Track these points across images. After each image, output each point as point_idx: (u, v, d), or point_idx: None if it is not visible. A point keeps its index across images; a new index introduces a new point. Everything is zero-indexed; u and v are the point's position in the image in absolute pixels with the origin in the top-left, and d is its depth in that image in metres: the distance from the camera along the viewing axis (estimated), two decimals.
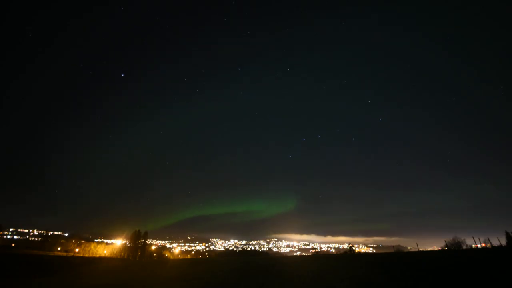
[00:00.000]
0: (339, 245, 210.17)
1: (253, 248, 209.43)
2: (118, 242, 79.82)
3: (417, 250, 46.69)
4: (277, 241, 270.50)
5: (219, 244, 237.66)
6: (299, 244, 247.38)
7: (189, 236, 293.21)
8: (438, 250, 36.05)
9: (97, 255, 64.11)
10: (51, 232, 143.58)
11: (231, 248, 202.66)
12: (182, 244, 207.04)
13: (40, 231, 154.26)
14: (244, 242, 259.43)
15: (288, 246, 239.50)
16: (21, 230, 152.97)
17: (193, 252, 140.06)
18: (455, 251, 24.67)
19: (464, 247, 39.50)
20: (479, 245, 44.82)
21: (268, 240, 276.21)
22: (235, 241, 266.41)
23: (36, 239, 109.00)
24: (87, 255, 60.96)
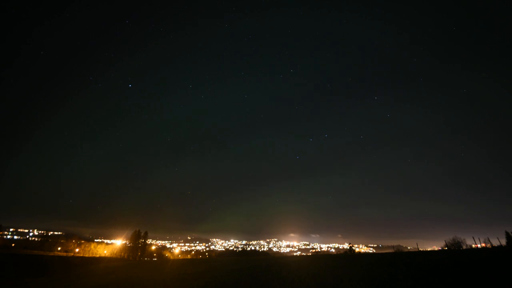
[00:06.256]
0: (339, 245, 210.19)
1: (253, 248, 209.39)
2: (118, 242, 79.85)
3: (417, 250, 46.67)
4: (277, 241, 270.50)
5: (219, 244, 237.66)
6: (299, 244, 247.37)
7: (189, 236, 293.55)
8: (438, 250, 36.03)
9: (97, 255, 64.09)
10: (51, 232, 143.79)
11: (231, 248, 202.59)
12: (182, 244, 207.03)
13: (40, 231, 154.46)
14: (244, 242, 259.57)
15: (288, 246, 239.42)
16: (21, 230, 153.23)
17: (193, 252, 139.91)
18: (455, 251, 24.64)
19: (464, 247, 39.49)
20: (479, 245, 44.81)
21: (268, 240, 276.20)
22: (235, 241, 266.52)
23: (36, 239, 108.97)
24: (87, 255, 60.94)
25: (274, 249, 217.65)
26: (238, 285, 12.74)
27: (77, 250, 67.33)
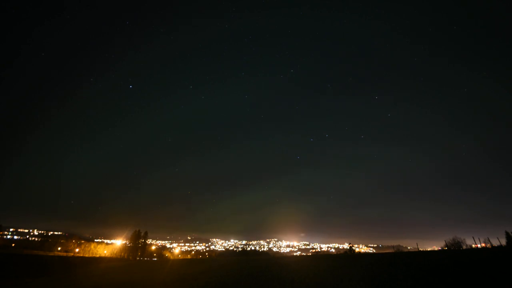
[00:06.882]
0: (339, 245, 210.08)
1: (253, 248, 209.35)
2: (118, 242, 79.84)
3: (417, 250, 46.64)
4: (277, 241, 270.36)
5: (219, 244, 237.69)
6: (299, 244, 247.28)
7: (189, 236, 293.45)
8: (438, 250, 36.02)
9: (97, 255, 64.07)
10: (51, 232, 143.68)
11: (231, 248, 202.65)
12: (182, 244, 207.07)
13: (40, 231, 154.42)
14: (244, 242, 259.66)
15: (288, 246, 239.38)
16: (21, 230, 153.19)
17: (193, 252, 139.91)
18: (455, 251, 24.63)
19: (464, 247, 39.49)
20: (479, 245, 44.82)
21: (268, 240, 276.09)
22: (235, 241, 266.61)
23: (36, 239, 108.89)
24: (87, 255, 60.93)
25: (274, 249, 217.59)
26: (238, 285, 12.73)
27: (77, 250, 67.31)
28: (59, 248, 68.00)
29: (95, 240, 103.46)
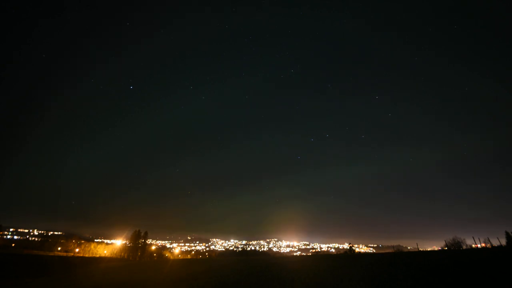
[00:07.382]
0: (339, 245, 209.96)
1: (253, 248, 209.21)
2: (118, 242, 79.83)
3: (417, 250, 46.62)
4: (277, 241, 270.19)
5: (219, 244, 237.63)
6: (299, 244, 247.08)
7: (189, 236, 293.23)
8: (438, 250, 36.02)
9: (97, 255, 64.08)
10: (51, 232, 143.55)
11: (231, 248, 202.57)
12: (182, 244, 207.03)
13: (40, 231, 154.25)
14: (244, 242, 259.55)
15: (288, 246, 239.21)
16: (21, 230, 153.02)
17: (193, 252, 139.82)
18: (455, 251, 24.64)
19: (464, 247, 39.46)
20: (479, 245, 44.80)
21: (268, 240, 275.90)
22: (235, 241, 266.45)
23: (36, 239, 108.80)
24: (87, 255, 60.94)
25: (274, 249, 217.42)
26: (238, 285, 12.73)
27: (77, 250, 67.31)
28: (59, 248, 67.98)
29: (95, 240, 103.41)
